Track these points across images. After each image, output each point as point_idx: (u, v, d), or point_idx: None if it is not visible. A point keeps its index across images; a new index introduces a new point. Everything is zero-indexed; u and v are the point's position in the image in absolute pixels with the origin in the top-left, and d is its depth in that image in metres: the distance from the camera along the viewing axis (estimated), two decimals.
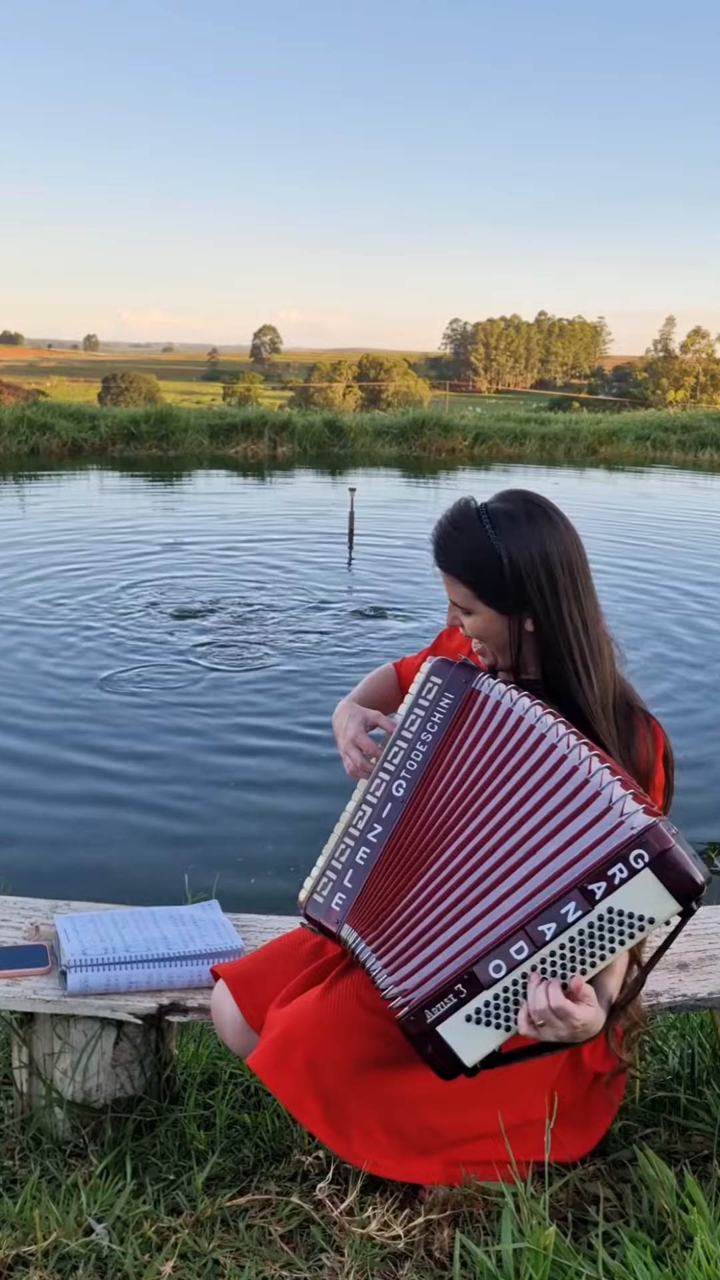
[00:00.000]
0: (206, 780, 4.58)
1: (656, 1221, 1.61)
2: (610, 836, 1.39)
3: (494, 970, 1.43)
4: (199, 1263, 1.55)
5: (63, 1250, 1.57)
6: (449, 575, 1.65)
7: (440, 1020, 1.45)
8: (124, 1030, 1.90)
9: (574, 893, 1.40)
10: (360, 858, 1.61)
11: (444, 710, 1.62)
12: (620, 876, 1.37)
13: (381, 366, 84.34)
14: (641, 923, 1.38)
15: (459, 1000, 1.44)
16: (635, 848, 1.37)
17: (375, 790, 1.64)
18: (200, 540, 9.57)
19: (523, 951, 1.42)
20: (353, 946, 1.58)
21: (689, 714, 5.53)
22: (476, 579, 1.61)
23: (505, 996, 1.43)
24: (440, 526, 1.66)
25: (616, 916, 1.38)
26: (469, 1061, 1.46)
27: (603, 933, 1.39)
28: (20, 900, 2.18)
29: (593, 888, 1.39)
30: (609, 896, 1.38)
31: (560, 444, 18.26)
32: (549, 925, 1.41)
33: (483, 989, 1.43)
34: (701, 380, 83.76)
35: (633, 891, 1.37)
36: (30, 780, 4.55)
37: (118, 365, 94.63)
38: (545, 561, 1.59)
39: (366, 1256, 1.54)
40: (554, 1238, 1.46)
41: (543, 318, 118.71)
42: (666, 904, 1.37)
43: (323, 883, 1.64)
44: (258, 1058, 1.59)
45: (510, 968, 1.43)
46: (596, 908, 1.39)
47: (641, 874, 1.37)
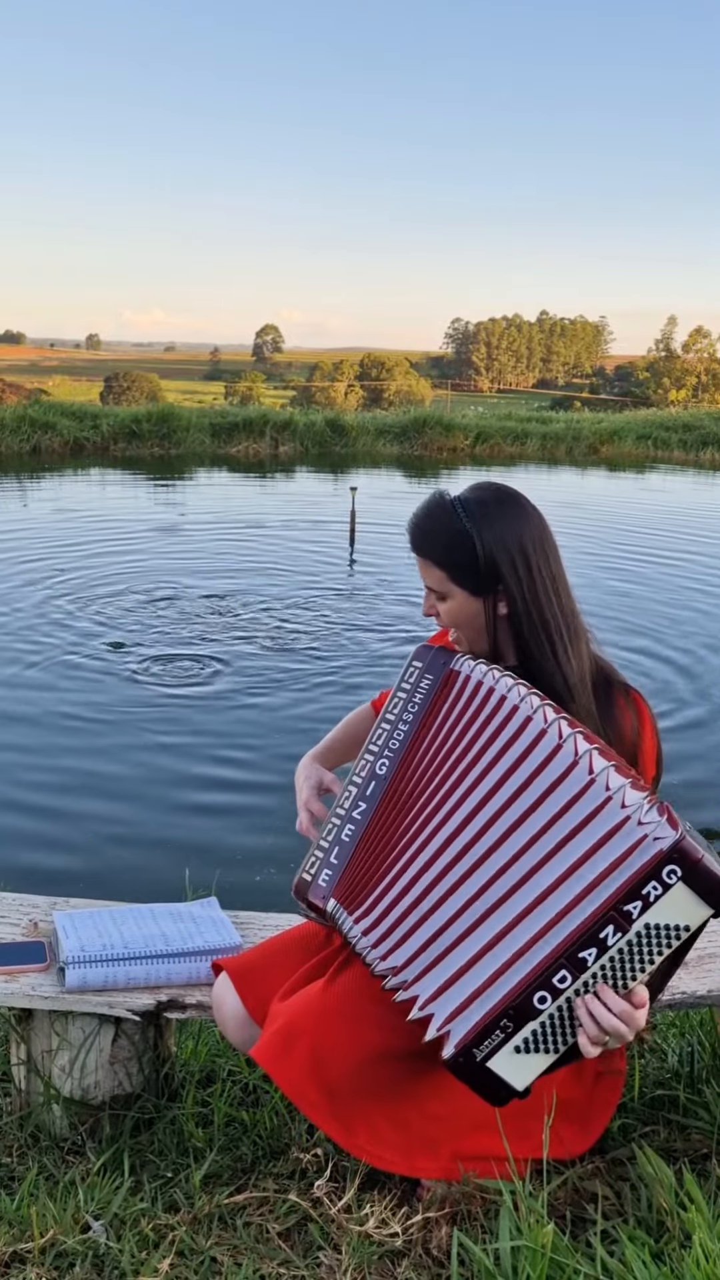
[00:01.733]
0: (206, 777, 4.58)
1: (655, 1220, 1.61)
2: (637, 851, 1.36)
3: (539, 1002, 1.41)
4: (196, 1260, 1.55)
5: (60, 1247, 1.57)
6: (424, 560, 1.71)
7: (490, 1057, 1.43)
8: (122, 1027, 1.90)
9: (611, 914, 1.37)
10: (345, 835, 1.64)
11: (424, 690, 1.65)
12: (655, 894, 1.36)
13: (383, 366, 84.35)
14: (678, 931, 1.38)
15: (506, 1035, 1.42)
16: (667, 864, 1.35)
17: (361, 771, 1.67)
18: (202, 539, 9.57)
19: (565, 980, 1.40)
20: (338, 919, 1.60)
21: (690, 711, 5.52)
22: (451, 562, 1.67)
23: (550, 1024, 1.43)
24: (415, 516, 1.73)
25: (653, 931, 1.38)
26: (520, 1086, 1.44)
27: (641, 948, 1.39)
28: (19, 896, 2.17)
29: (629, 908, 1.36)
30: (644, 914, 1.37)
31: (562, 443, 18.26)
32: (589, 951, 1.39)
33: (528, 1020, 1.42)
34: (703, 380, 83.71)
35: (667, 905, 1.36)
36: (29, 777, 4.54)
37: (120, 364, 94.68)
38: (518, 544, 1.66)
39: (364, 1254, 1.54)
40: (552, 1236, 1.45)
41: (544, 317, 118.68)
42: (700, 910, 1.37)
43: (311, 862, 1.67)
44: (261, 1050, 1.59)
45: (554, 997, 1.41)
46: (633, 926, 1.37)
47: (675, 888, 1.35)
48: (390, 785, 1.63)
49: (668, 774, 1.79)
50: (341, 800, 1.67)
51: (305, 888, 1.65)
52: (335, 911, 1.60)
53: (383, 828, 1.61)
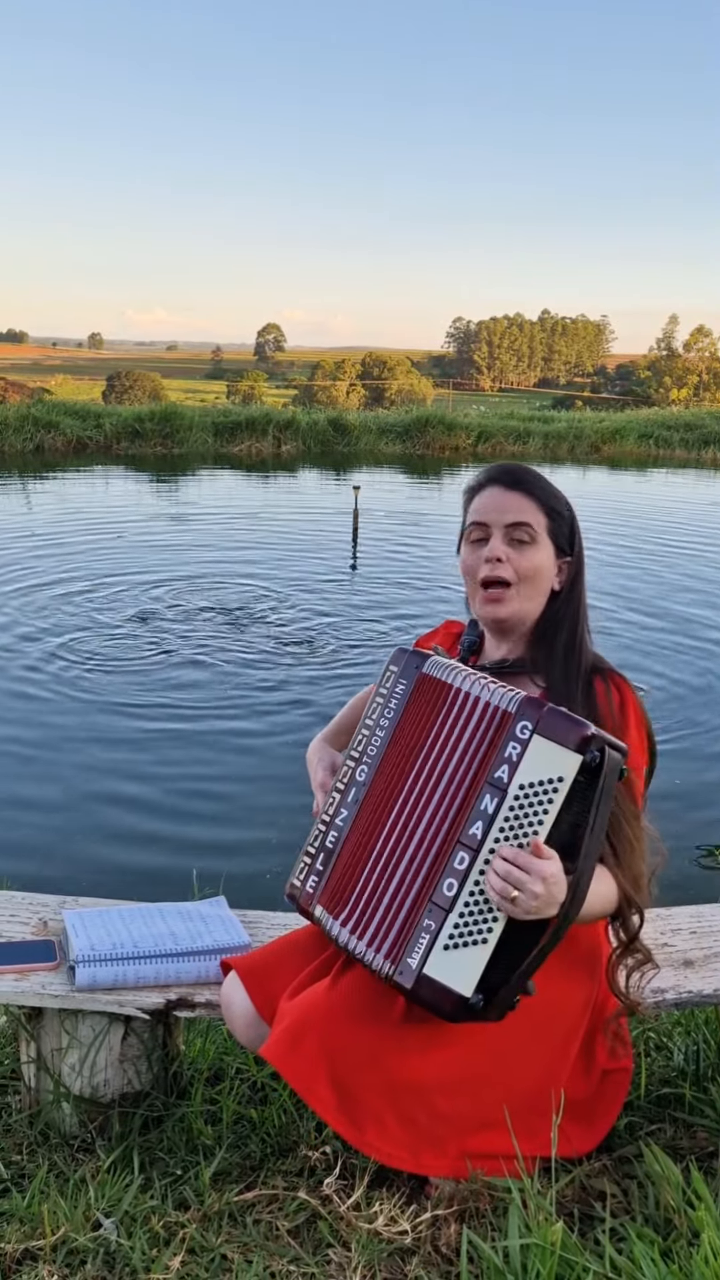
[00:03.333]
0: (214, 776, 4.58)
1: (663, 1218, 1.61)
2: (496, 725, 1.49)
3: (447, 889, 1.48)
4: (206, 1258, 1.56)
5: (71, 1245, 1.57)
6: (528, 498, 1.73)
7: (424, 961, 1.48)
8: (131, 1025, 1.91)
9: (485, 787, 1.47)
10: (330, 841, 1.68)
11: (399, 696, 1.67)
12: (516, 753, 1.46)
13: (385, 365, 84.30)
14: (555, 783, 1.44)
15: (431, 935, 1.48)
16: (519, 721, 1.46)
17: (344, 778, 1.70)
18: (205, 539, 9.58)
19: (464, 860, 1.47)
20: (325, 924, 1.64)
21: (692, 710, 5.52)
22: (551, 510, 1.74)
23: (470, 910, 1.47)
24: (512, 467, 1.79)
25: (530, 788, 1.45)
26: (466, 990, 1.47)
27: (526, 808, 1.45)
28: (28, 896, 2.18)
29: (499, 774, 1.47)
30: (515, 775, 1.45)
31: (564, 442, 18.25)
32: (476, 826, 1.47)
33: (447, 913, 1.47)
34: (704, 379, 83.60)
35: (534, 761, 1.45)
36: (38, 776, 4.55)
37: (122, 363, 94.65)
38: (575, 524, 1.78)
39: (373, 1252, 1.54)
40: (561, 1234, 1.46)
41: (546, 316, 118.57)
42: (568, 758, 1.43)
43: (300, 868, 1.71)
44: (270, 1047, 1.60)
45: (460, 880, 1.47)
46: (510, 790, 1.45)
47: (533, 742, 1.45)
48: (370, 791, 1.65)
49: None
50: (326, 807, 1.71)
51: (296, 894, 1.70)
52: (323, 918, 1.64)
53: (364, 833, 1.64)
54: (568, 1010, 1.70)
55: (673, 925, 2.15)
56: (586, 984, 1.73)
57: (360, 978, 1.63)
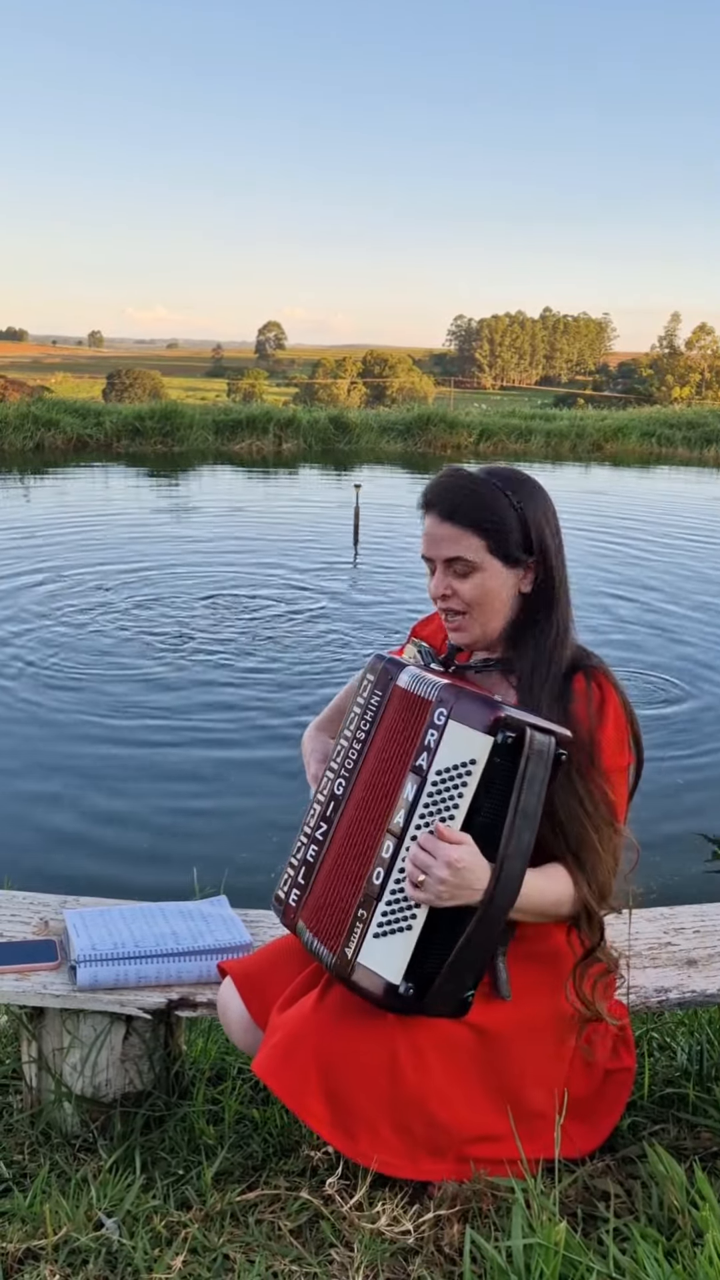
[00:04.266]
0: (214, 775, 4.58)
1: (666, 1218, 1.61)
2: (423, 717, 1.52)
3: (375, 879, 1.50)
4: (209, 1257, 1.55)
5: (73, 1244, 1.57)
6: (457, 529, 1.64)
7: (358, 950, 1.50)
8: (133, 1025, 1.91)
9: (409, 775, 1.50)
10: (310, 855, 1.68)
11: (374, 708, 1.66)
12: (434, 739, 1.48)
13: (386, 363, 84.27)
14: (468, 766, 1.46)
15: (364, 924, 1.50)
16: (436, 709, 1.49)
17: (323, 789, 1.70)
18: (205, 538, 9.58)
19: (389, 849, 1.50)
20: (310, 945, 1.64)
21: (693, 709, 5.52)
22: (493, 528, 1.64)
23: (395, 897, 1.49)
24: (438, 486, 1.68)
25: (447, 773, 1.47)
26: (394, 977, 1.47)
27: (443, 793, 1.47)
28: (29, 895, 2.18)
29: (420, 762, 1.49)
30: (434, 762, 1.48)
31: (566, 441, 18.24)
32: (400, 814, 1.50)
33: (375, 901, 1.50)
34: (707, 377, 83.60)
35: (449, 747, 1.47)
36: (39, 776, 4.55)
37: (122, 361, 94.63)
38: (550, 519, 1.68)
39: (376, 1252, 1.54)
40: (564, 1234, 1.46)
41: (548, 314, 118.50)
42: (478, 740, 1.45)
43: (284, 879, 1.71)
44: (261, 1063, 1.59)
45: (386, 868, 1.50)
46: (429, 776, 1.48)
47: (448, 728, 1.47)
48: (348, 805, 1.64)
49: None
50: (307, 819, 1.70)
51: (279, 905, 1.71)
52: (305, 936, 1.64)
53: (343, 848, 1.62)
54: (559, 1012, 1.68)
55: (676, 924, 2.15)
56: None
57: (348, 991, 1.62)
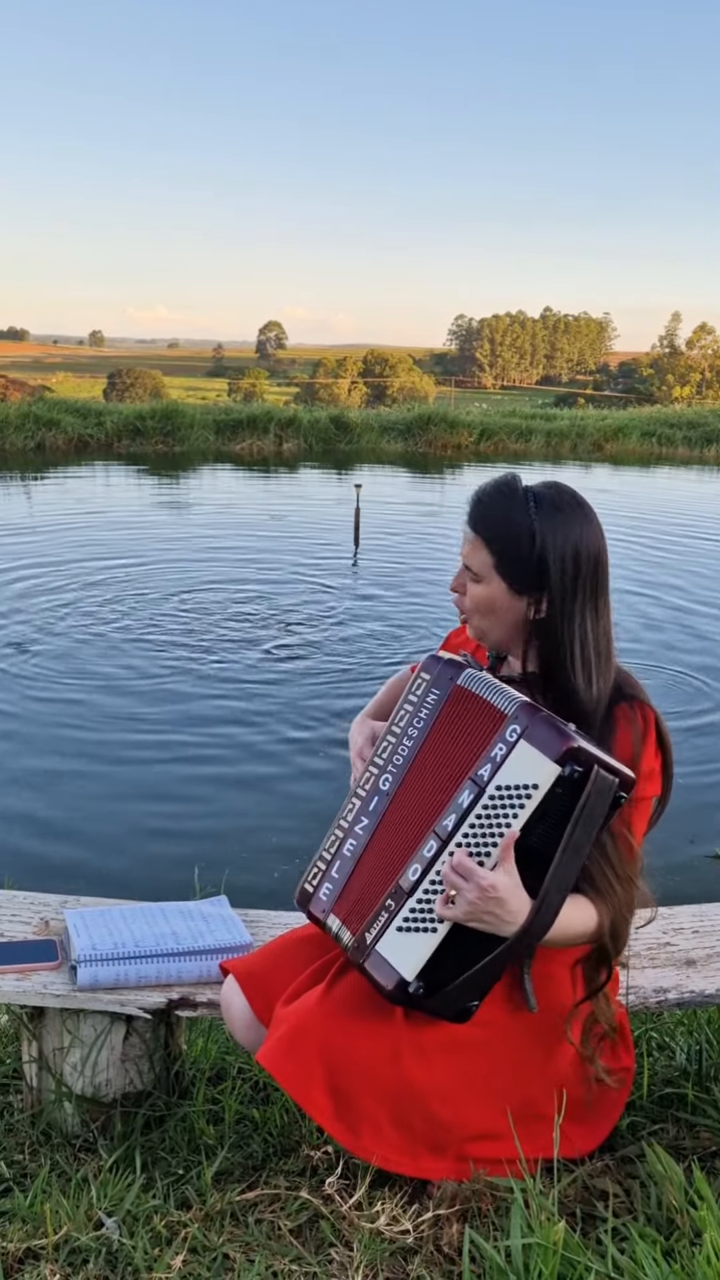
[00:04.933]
0: (215, 775, 4.59)
1: (665, 1217, 1.61)
2: (494, 728, 1.50)
3: (412, 874, 1.50)
4: (209, 1257, 1.56)
5: (73, 1244, 1.57)
6: (477, 537, 1.66)
7: (378, 938, 1.50)
8: (133, 1025, 1.91)
9: (466, 782, 1.49)
10: (347, 849, 1.65)
11: (430, 706, 1.65)
12: (501, 754, 1.47)
13: (387, 363, 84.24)
14: (528, 790, 1.45)
15: (390, 914, 1.50)
16: (510, 724, 1.48)
17: (365, 784, 1.67)
18: (206, 537, 9.58)
19: (431, 849, 1.50)
20: (338, 935, 1.62)
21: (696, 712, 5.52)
22: (504, 550, 1.62)
23: (428, 898, 1.49)
24: (482, 491, 1.68)
25: (506, 791, 1.46)
26: (407, 974, 1.48)
27: (498, 809, 1.46)
28: (30, 895, 2.18)
29: (481, 772, 1.49)
30: (496, 775, 1.47)
31: (566, 440, 18.24)
32: (450, 818, 1.50)
33: (406, 896, 1.50)
34: (707, 376, 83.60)
35: (515, 765, 1.46)
36: (39, 776, 4.56)
37: (123, 361, 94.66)
38: (573, 551, 1.61)
39: (376, 1251, 1.54)
40: (563, 1233, 1.46)
41: (548, 313, 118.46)
42: (546, 767, 1.44)
43: (313, 872, 1.69)
44: (266, 1054, 1.60)
45: (425, 867, 1.49)
46: (487, 789, 1.47)
47: (518, 746, 1.46)
48: (393, 802, 1.63)
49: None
50: (345, 812, 1.68)
51: (307, 899, 1.68)
52: (338, 930, 1.62)
53: (384, 845, 1.61)
54: (563, 1012, 1.69)
55: (675, 924, 2.15)
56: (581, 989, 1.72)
57: (356, 983, 1.62)
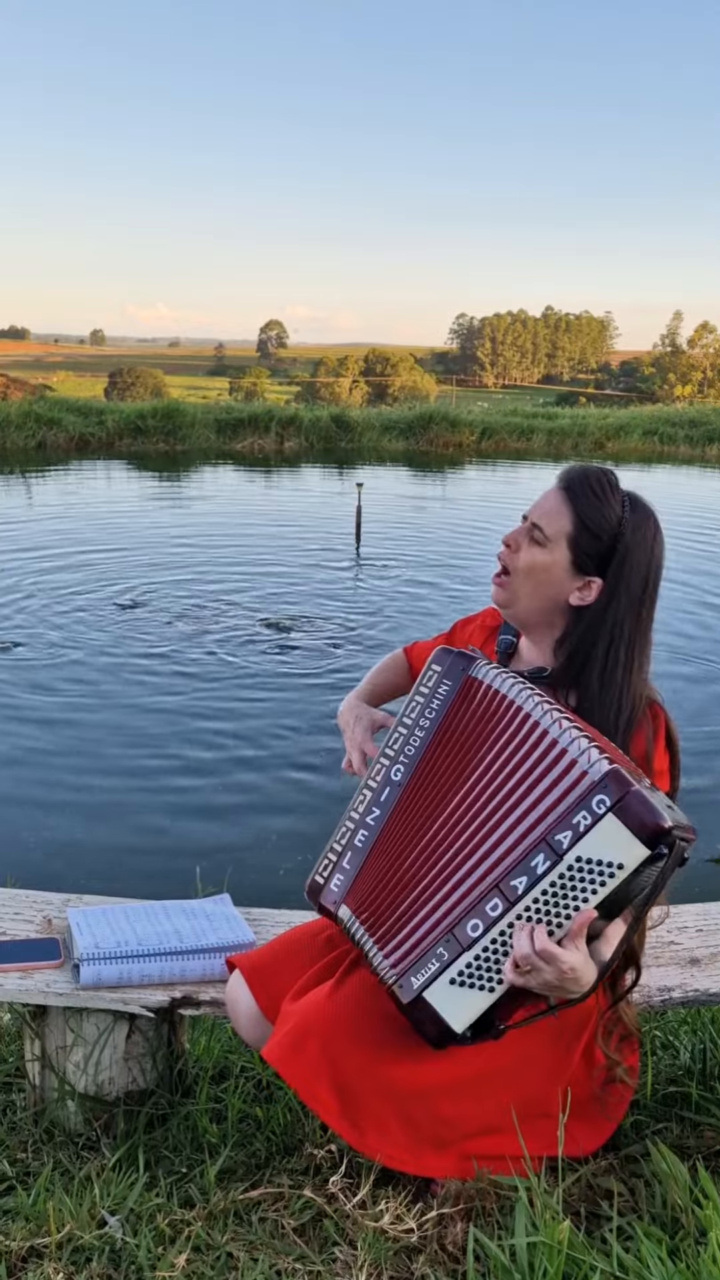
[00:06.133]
0: (217, 774, 4.58)
1: (670, 1216, 1.61)
2: (575, 787, 1.41)
3: (471, 930, 1.45)
4: (212, 1255, 1.55)
5: (76, 1242, 1.57)
6: (564, 503, 1.65)
7: (426, 985, 1.46)
8: (136, 1023, 1.91)
9: (542, 845, 1.42)
10: (359, 840, 1.64)
11: (442, 697, 1.64)
12: (585, 824, 1.39)
13: (388, 361, 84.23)
14: (610, 869, 1.38)
15: (442, 964, 1.46)
16: (596, 793, 1.38)
17: (375, 775, 1.66)
18: (207, 536, 9.58)
19: (497, 908, 1.44)
20: (349, 926, 1.61)
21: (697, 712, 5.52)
22: (587, 521, 1.63)
23: (487, 956, 1.44)
24: (584, 467, 1.69)
25: (585, 864, 1.39)
26: (458, 1027, 1.46)
27: (574, 882, 1.40)
28: (33, 893, 2.18)
29: (560, 838, 1.40)
30: (576, 845, 1.39)
31: (568, 439, 18.23)
32: (520, 879, 1.43)
33: (464, 950, 1.45)
34: (709, 375, 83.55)
35: (599, 838, 1.38)
36: (42, 775, 4.56)
37: (124, 360, 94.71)
38: (644, 555, 1.64)
39: (379, 1250, 1.54)
40: (568, 1232, 1.46)
41: (550, 312, 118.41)
42: (634, 849, 1.37)
43: (324, 864, 1.67)
44: (272, 1050, 1.59)
45: (487, 925, 1.44)
46: (565, 858, 1.40)
47: (605, 819, 1.38)
48: (405, 794, 1.62)
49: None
50: (356, 804, 1.67)
51: (318, 891, 1.67)
52: (348, 920, 1.61)
53: (397, 836, 1.61)
54: (571, 1013, 1.69)
55: (679, 923, 2.15)
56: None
57: (364, 981, 1.62)
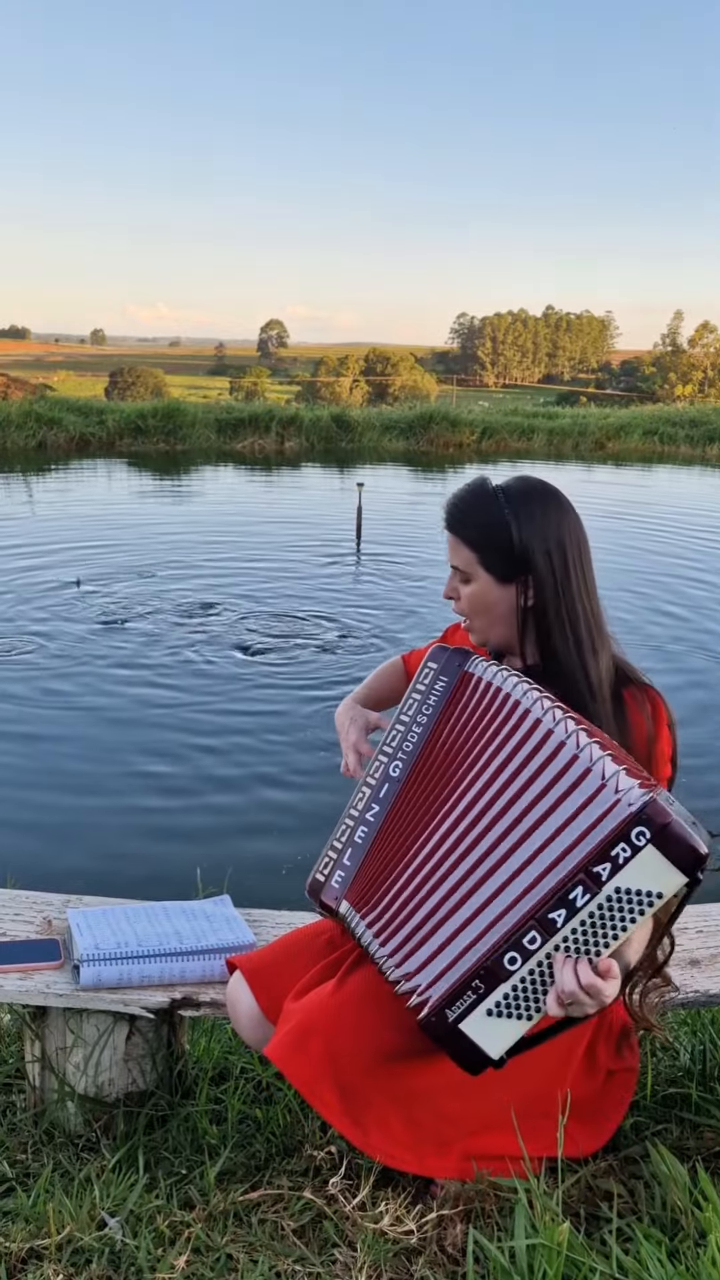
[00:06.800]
0: (218, 775, 4.58)
1: (670, 1218, 1.61)
2: (609, 815, 1.38)
3: (509, 963, 1.43)
4: (212, 1257, 1.56)
5: (76, 1244, 1.57)
6: (456, 539, 1.73)
7: (462, 1018, 1.44)
8: (136, 1025, 1.91)
9: (580, 876, 1.39)
10: (359, 837, 1.64)
11: (439, 693, 1.65)
12: (624, 856, 1.37)
13: (388, 361, 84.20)
14: (650, 898, 1.37)
15: (478, 996, 1.44)
16: (636, 825, 1.36)
17: (374, 772, 1.67)
18: (207, 536, 9.58)
19: (535, 941, 1.42)
20: (349, 921, 1.61)
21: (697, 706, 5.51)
22: (483, 543, 1.69)
23: (523, 987, 1.44)
24: (454, 495, 1.75)
25: (624, 896, 1.38)
26: (495, 1055, 1.45)
27: (613, 913, 1.39)
28: (33, 894, 2.18)
29: (598, 870, 1.37)
30: (615, 877, 1.37)
31: (568, 439, 18.23)
32: (559, 912, 1.40)
33: (500, 982, 1.44)
34: (709, 375, 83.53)
35: (638, 869, 1.37)
36: (42, 775, 4.56)
37: (125, 359, 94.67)
38: (555, 536, 1.67)
39: (379, 1251, 1.54)
40: (567, 1234, 1.46)
41: (550, 312, 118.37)
42: (673, 878, 1.36)
43: (324, 862, 1.68)
44: (274, 1048, 1.59)
45: (525, 958, 1.43)
46: (604, 889, 1.38)
47: (645, 851, 1.36)
48: (404, 788, 1.63)
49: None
50: (355, 801, 1.68)
51: (319, 888, 1.67)
52: (348, 914, 1.61)
53: (396, 831, 1.61)
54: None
55: (679, 924, 2.14)
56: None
57: (367, 980, 1.62)
